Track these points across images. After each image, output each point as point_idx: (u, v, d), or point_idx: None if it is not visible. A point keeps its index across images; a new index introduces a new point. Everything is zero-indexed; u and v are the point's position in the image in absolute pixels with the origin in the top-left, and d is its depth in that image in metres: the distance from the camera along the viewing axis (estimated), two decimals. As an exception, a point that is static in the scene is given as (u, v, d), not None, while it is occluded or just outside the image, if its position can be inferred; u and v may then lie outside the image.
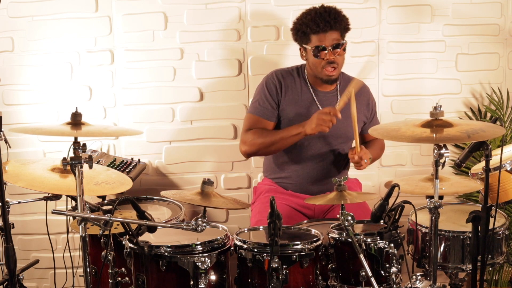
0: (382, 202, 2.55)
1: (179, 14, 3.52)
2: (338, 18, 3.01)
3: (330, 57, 3.00)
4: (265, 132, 3.10)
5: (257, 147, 3.09)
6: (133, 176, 3.23)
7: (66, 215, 2.67)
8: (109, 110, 3.59)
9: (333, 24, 2.98)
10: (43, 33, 3.49)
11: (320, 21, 2.97)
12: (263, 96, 3.15)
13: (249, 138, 3.10)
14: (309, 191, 3.16)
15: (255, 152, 3.15)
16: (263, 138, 3.08)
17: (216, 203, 2.62)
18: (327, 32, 2.98)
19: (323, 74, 3.06)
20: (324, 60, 3.01)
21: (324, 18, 2.97)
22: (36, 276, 3.69)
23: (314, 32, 2.99)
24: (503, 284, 3.64)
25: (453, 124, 2.44)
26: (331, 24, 2.97)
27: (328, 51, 2.99)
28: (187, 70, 3.58)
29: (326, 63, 3.02)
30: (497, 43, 3.67)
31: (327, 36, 2.98)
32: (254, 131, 3.11)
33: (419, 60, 3.65)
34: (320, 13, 2.99)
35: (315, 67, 3.06)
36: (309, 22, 2.99)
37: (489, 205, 2.48)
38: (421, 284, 2.71)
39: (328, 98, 3.16)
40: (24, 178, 2.60)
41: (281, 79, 3.16)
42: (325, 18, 2.97)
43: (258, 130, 3.10)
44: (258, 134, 3.09)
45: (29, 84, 3.54)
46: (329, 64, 3.02)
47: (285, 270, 2.41)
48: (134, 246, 2.46)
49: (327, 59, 3.01)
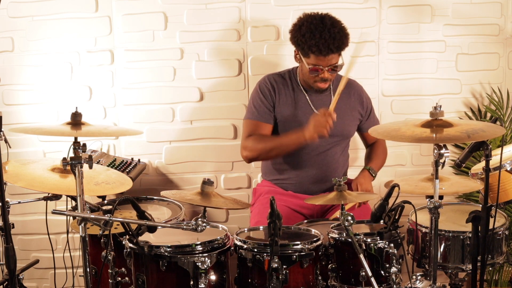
0: (382, 202, 2.55)
1: (179, 14, 3.52)
2: (341, 45, 2.97)
3: (325, 75, 3.01)
4: (265, 138, 3.11)
5: (258, 152, 3.11)
6: (133, 176, 3.23)
7: (66, 215, 2.67)
8: (109, 110, 3.59)
9: (335, 51, 2.95)
10: (43, 33, 3.49)
11: (324, 48, 2.92)
12: (258, 100, 3.15)
13: (249, 144, 3.11)
14: (309, 191, 3.16)
15: (256, 157, 3.17)
16: (263, 144, 3.09)
17: (216, 203, 2.61)
18: (328, 56, 2.96)
19: (314, 85, 3.08)
20: (318, 77, 3.03)
21: (328, 46, 2.92)
22: (36, 276, 3.69)
23: (315, 54, 2.96)
24: (503, 284, 3.64)
25: (453, 124, 2.44)
26: (333, 51, 2.95)
27: (324, 71, 3.00)
28: (187, 70, 3.58)
29: (320, 79, 3.03)
30: (497, 43, 3.67)
31: (326, 59, 2.97)
32: (254, 137, 3.11)
33: (419, 60, 3.65)
34: (325, 39, 2.92)
35: (308, 78, 3.08)
36: (312, 46, 2.93)
37: (489, 205, 2.48)
38: (421, 284, 2.71)
39: (321, 98, 3.16)
40: (24, 178, 2.60)
41: (274, 83, 3.17)
42: (328, 46, 2.92)
43: (259, 136, 3.11)
44: (259, 140, 3.10)
45: (29, 84, 3.54)
46: (323, 81, 3.04)
47: (285, 270, 2.41)
48: (134, 246, 2.46)
49: (321, 77, 3.02)
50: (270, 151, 3.09)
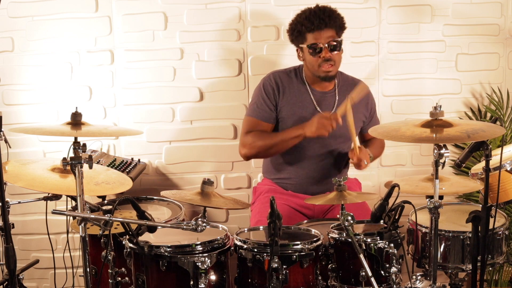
0: (382, 202, 2.55)
1: (179, 14, 3.53)
2: (332, 16, 3.02)
3: (326, 54, 3.00)
4: (265, 135, 3.10)
5: (257, 149, 3.10)
6: (133, 176, 3.23)
7: (66, 215, 2.67)
8: (109, 110, 3.60)
9: (327, 22, 2.99)
10: (43, 33, 3.49)
11: (315, 19, 2.98)
12: (260, 99, 3.15)
13: (248, 140, 3.10)
14: (309, 191, 3.16)
15: (255, 154, 3.16)
16: (263, 140, 3.08)
17: (216, 203, 2.62)
18: (322, 30, 2.98)
19: (320, 71, 3.06)
20: (320, 58, 3.02)
21: (319, 16, 2.98)
22: (36, 276, 3.69)
23: (309, 30, 3.00)
24: (503, 284, 3.64)
25: (453, 124, 2.44)
26: (325, 22, 2.98)
27: (324, 49, 3.00)
28: (187, 70, 3.58)
29: (322, 60, 3.02)
30: (497, 43, 3.67)
31: (322, 34, 2.99)
32: (253, 133, 3.11)
33: (419, 60, 3.65)
34: (314, 12, 3.01)
35: (312, 65, 3.06)
36: (303, 20, 3.01)
37: (489, 205, 2.48)
38: (421, 284, 2.71)
39: (326, 98, 3.16)
40: (24, 178, 2.60)
41: (278, 81, 3.16)
42: (319, 16, 2.98)
43: (258, 133, 3.10)
44: (258, 137, 3.09)
45: (29, 84, 3.54)
46: (326, 62, 3.02)
47: (285, 270, 2.41)
48: (134, 246, 2.46)
49: (323, 57, 3.01)
50: (270, 148, 3.08)
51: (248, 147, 3.11)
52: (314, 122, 2.93)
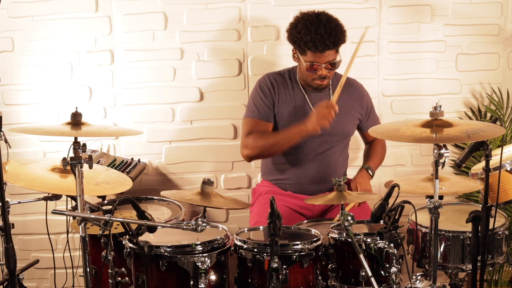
0: (382, 202, 2.55)
1: (179, 14, 3.52)
2: (337, 40, 2.96)
3: (323, 73, 3.01)
4: (266, 135, 3.10)
5: (259, 149, 3.09)
6: (133, 176, 3.23)
7: (66, 215, 2.67)
8: (109, 110, 3.59)
9: (331, 46, 2.95)
10: (43, 33, 3.49)
11: (320, 43, 2.92)
12: (258, 99, 3.15)
13: (250, 141, 3.10)
14: (308, 191, 3.16)
15: (258, 155, 3.15)
16: (264, 140, 3.08)
17: (216, 203, 2.62)
18: (324, 52, 2.95)
19: (313, 83, 3.08)
20: (316, 75, 3.02)
21: (324, 41, 2.92)
22: (36, 276, 3.69)
23: (311, 50, 2.96)
24: (503, 284, 3.64)
25: (453, 124, 2.44)
26: (329, 47, 2.95)
27: (322, 68, 3.00)
28: (187, 70, 3.58)
29: (318, 77, 3.03)
30: (497, 43, 3.67)
31: (323, 56, 2.96)
32: (254, 134, 3.10)
33: (419, 60, 3.65)
34: (320, 35, 2.92)
35: (306, 76, 3.08)
36: (308, 41, 2.94)
37: (489, 205, 2.48)
38: (421, 284, 2.71)
39: (320, 98, 3.15)
40: (24, 178, 2.60)
41: (274, 81, 3.17)
42: (324, 41, 2.92)
43: (259, 133, 3.10)
44: (259, 137, 3.09)
45: (29, 84, 3.54)
46: (320, 78, 3.03)
47: (285, 270, 2.41)
48: (134, 246, 2.46)
49: (319, 74, 3.02)
50: (272, 147, 3.08)
51: (250, 148, 3.10)
52: (313, 115, 2.93)
